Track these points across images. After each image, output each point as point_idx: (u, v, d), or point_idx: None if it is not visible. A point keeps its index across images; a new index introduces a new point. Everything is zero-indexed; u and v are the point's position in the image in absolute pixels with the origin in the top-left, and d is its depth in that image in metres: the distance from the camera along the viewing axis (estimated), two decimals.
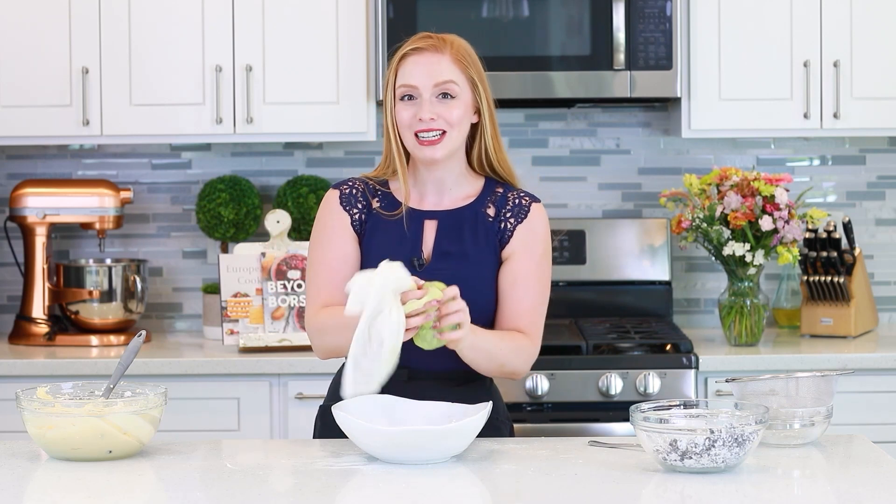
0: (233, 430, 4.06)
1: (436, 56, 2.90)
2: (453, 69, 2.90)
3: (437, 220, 2.94)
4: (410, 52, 2.92)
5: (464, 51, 2.93)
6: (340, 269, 2.91)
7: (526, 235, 2.95)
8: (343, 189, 2.98)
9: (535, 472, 2.58)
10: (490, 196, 2.98)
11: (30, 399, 2.73)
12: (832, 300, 4.36)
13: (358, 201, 2.96)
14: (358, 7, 4.27)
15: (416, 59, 2.91)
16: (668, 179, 4.63)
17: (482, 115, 2.95)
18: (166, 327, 4.66)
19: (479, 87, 2.93)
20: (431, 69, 2.89)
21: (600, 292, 4.56)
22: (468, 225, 2.94)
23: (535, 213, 2.98)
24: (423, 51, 2.91)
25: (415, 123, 2.88)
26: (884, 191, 4.67)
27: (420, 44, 2.92)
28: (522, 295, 2.92)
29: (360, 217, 2.94)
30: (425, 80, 2.89)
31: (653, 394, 3.99)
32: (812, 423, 2.76)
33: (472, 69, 2.93)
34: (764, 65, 4.28)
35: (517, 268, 2.93)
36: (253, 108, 4.28)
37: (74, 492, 2.51)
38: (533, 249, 2.94)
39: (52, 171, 4.63)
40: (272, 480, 2.59)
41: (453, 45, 2.93)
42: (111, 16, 4.26)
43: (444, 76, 2.89)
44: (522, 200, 2.98)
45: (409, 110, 2.89)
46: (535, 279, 2.94)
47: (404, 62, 2.92)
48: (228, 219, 4.44)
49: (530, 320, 2.92)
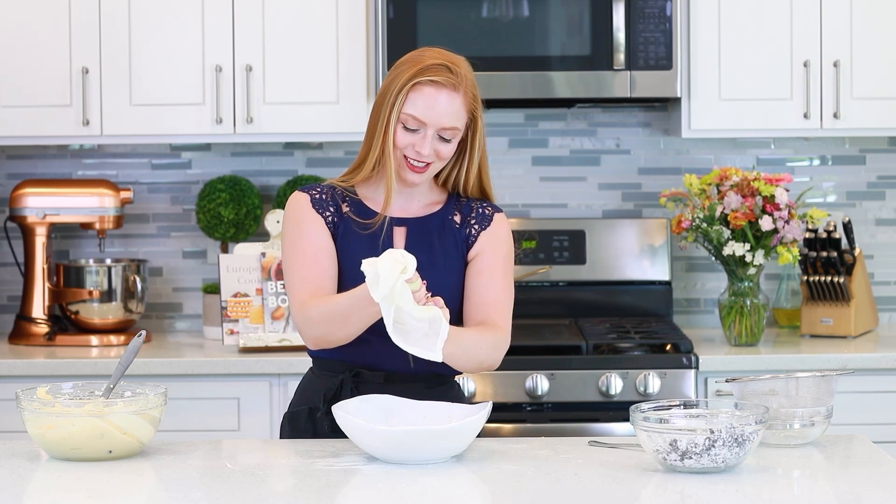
0: (233, 430, 4.06)
1: (451, 97, 2.85)
2: (461, 114, 2.87)
3: (407, 227, 2.95)
4: (427, 84, 2.85)
5: (472, 86, 2.90)
6: (322, 259, 2.89)
7: (490, 239, 2.96)
8: (313, 194, 2.95)
9: (535, 472, 2.58)
10: (455, 204, 3.00)
11: (30, 399, 2.73)
12: (832, 300, 4.36)
13: (329, 205, 2.94)
14: (358, 7, 4.27)
15: (432, 93, 2.85)
16: (668, 179, 4.63)
17: (467, 145, 2.94)
18: (166, 327, 4.66)
19: (474, 122, 2.91)
20: (443, 111, 2.85)
21: (600, 292, 4.56)
22: (436, 232, 2.95)
23: (497, 220, 2.99)
24: (441, 87, 2.85)
25: (410, 151, 2.87)
26: (884, 191, 4.67)
27: (440, 79, 2.85)
28: (487, 284, 2.92)
29: (332, 220, 2.93)
30: (434, 120, 2.85)
31: (653, 394, 3.99)
32: (812, 423, 2.76)
33: (477, 110, 2.91)
34: (764, 65, 4.28)
35: (482, 263, 2.94)
36: (253, 108, 4.28)
37: (74, 492, 2.51)
38: (496, 249, 2.95)
39: (52, 171, 4.63)
40: (272, 480, 2.59)
41: (466, 81, 2.88)
42: (111, 16, 4.26)
43: (452, 122, 2.86)
44: (486, 210, 2.99)
45: (408, 138, 2.87)
46: (500, 272, 2.94)
47: (419, 91, 2.85)
48: (228, 219, 4.44)
49: (497, 311, 2.91)
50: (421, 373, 2.91)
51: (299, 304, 2.86)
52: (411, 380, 2.91)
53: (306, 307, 2.84)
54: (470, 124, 2.91)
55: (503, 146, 4.65)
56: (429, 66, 2.86)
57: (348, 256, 2.91)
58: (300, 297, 2.86)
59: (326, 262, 2.89)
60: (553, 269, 4.53)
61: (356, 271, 2.73)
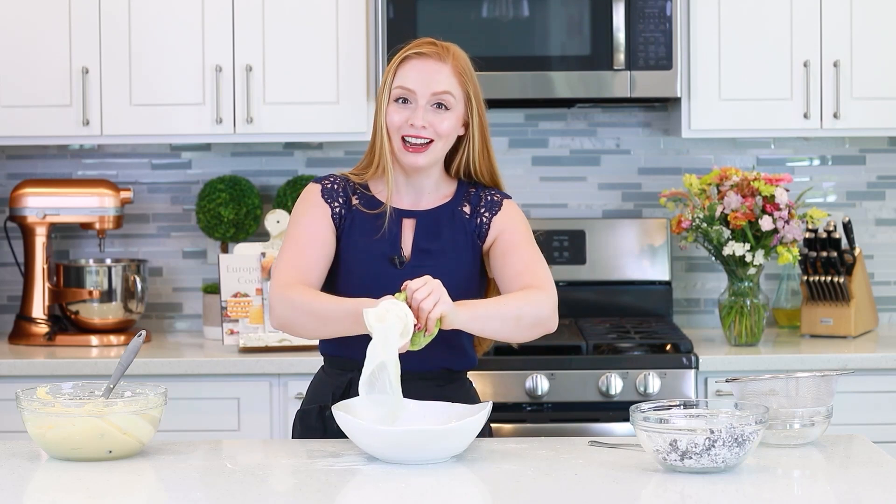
0: (233, 430, 4.06)
1: (438, 64, 2.90)
2: (452, 81, 2.90)
3: (416, 219, 2.95)
4: (413, 56, 2.91)
5: (464, 64, 2.93)
6: (316, 248, 2.89)
7: (503, 220, 2.96)
8: (325, 183, 2.98)
9: (535, 472, 2.58)
10: (465, 195, 3.00)
11: (30, 399, 2.73)
12: (832, 300, 4.36)
13: (339, 196, 2.96)
14: (358, 7, 4.27)
15: (418, 63, 2.90)
16: (668, 179, 4.63)
17: (471, 128, 2.95)
18: (166, 327, 4.66)
19: (472, 102, 2.93)
20: (431, 77, 2.89)
21: (600, 292, 4.56)
22: (446, 223, 2.96)
23: (507, 206, 3.00)
24: (426, 56, 2.90)
25: (405, 127, 2.89)
26: (884, 191, 4.67)
27: (424, 49, 2.91)
28: (516, 258, 2.92)
29: (339, 211, 2.94)
30: (423, 86, 2.88)
31: (653, 394, 3.99)
32: (812, 423, 2.76)
33: (470, 84, 2.93)
34: (764, 65, 4.28)
35: (503, 244, 2.94)
36: (253, 108, 4.28)
37: (74, 492, 2.51)
38: (514, 228, 2.95)
39: (52, 171, 4.63)
40: (272, 480, 2.59)
41: (455, 56, 2.93)
42: (111, 16, 4.26)
43: (442, 86, 2.89)
44: (494, 197, 3.01)
45: (401, 113, 2.90)
46: (524, 244, 2.93)
47: (405, 64, 2.91)
48: (228, 219, 4.44)
49: (533, 275, 2.90)
50: (432, 370, 2.92)
51: (283, 283, 2.85)
52: (421, 377, 2.91)
53: (291, 289, 2.83)
54: (468, 104, 2.92)
55: (503, 146, 4.65)
56: (414, 43, 2.94)
57: (352, 248, 2.92)
58: (285, 278, 2.86)
59: (318, 252, 2.90)
60: (553, 269, 4.50)
61: (358, 263, 2.74)
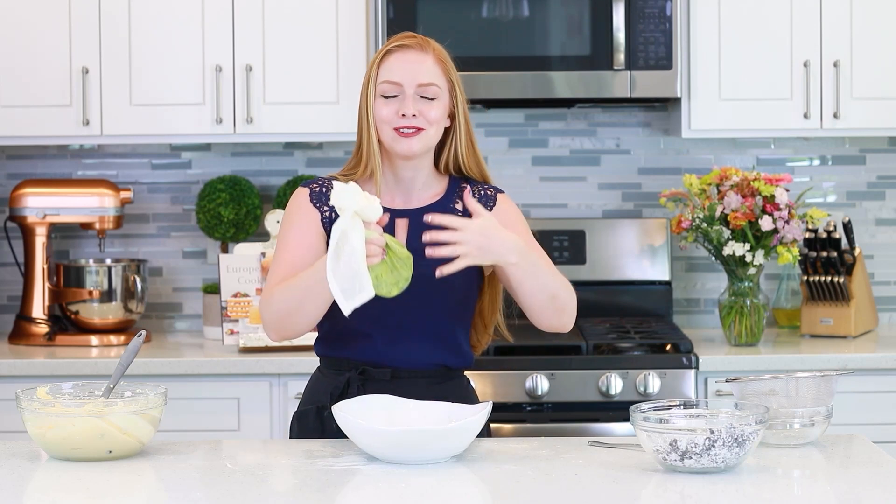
0: (233, 430, 4.06)
1: (420, 55, 2.92)
2: (436, 71, 2.92)
3: (408, 218, 2.95)
4: (395, 49, 2.93)
5: (444, 54, 2.96)
6: (305, 257, 2.88)
7: (498, 215, 2.92)
8: (313, 187, 2.97)
9: (535, 472, 2.58)
10: (457, 192, 3.00)
11: (30, 399, 2.73)
12: (832, 300, 4.36)
13: (328, 198, 2.95)
14: (358, 7, 4.27)
15: (401, 55, 2.92)
16: (668, 179, 4.63)
17: (456, 119, 2.96)
18: (166, 327, 4.66)
19: (456, 91, 2.95)
20: (415, 67, 2.90)
21: (600, 292, 4.56)
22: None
23: (501, 201, 3.00)
24: (408, 48, 2.92)
25: (395, 119, 2.89)
26: (884, 191, 4.67)
27: (405, 41, 2.94)
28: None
29: (329, 215, 2.93)
30: (409, 77, 2.89)
31: (653, 394, 3.99)
32: (812, 423, 2.76)
33: (453, 73, 2.95)
34: (764, 65, 4.28)
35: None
36: (253, 108, 4.28)
37: (74, 492, 2.51)
38: (512, 228, 2.90)
39: (52, 171, 4.63)
40: (272, 480, 2.59)
41: (435, 47, 2.96)
42: (111, 16, 4.26)
43: (427, 77, 2.90)
44: (487, 192, 3.00)
45: (390, 107, 2.90)
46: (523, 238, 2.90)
47: (388, 59, 2.93)
48: (228, 219, 4.44)
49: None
50: (428, 368, 2.92)
51: (266, 292, 2.86)
52: (418, 375, 2.91)
53: (271, 293, 2.84)
54: (453, 93, 2.94)
55: (503, 146, 4.65)
56: (393, 38, 2.97)
57: None
58: (268, 287, 2.87)
59: (309, 260, 2.88)
60: None
61: None
